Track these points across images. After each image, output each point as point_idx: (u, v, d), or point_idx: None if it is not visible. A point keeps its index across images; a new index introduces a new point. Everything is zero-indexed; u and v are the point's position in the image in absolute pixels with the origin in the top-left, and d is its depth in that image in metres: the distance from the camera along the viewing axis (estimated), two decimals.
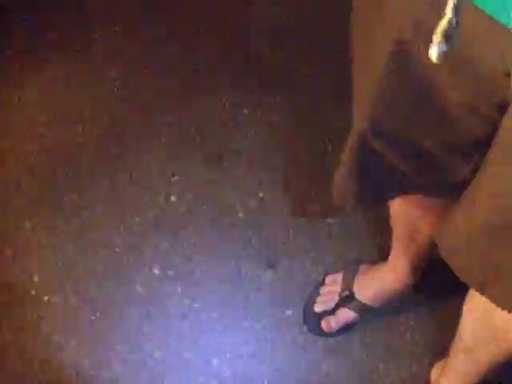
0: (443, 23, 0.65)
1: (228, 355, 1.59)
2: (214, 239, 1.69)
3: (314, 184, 1.73)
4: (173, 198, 1.74)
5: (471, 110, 0.84)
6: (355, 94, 0.99)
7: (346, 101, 1.04)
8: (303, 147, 1.80)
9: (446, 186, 1.03)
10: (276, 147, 1.80)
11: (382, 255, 1.60)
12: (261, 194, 1.74)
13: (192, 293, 1.64)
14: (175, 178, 1.77)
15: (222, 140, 1.81)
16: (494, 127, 0.83)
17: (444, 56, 0.65)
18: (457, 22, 0.65)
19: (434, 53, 0.65)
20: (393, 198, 1.22)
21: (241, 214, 1.72)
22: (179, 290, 1.64)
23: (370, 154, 0.97)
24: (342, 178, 1.08)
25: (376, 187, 1.08)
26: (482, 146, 0.86)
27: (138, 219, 1.72)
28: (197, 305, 1.63)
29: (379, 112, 0.92)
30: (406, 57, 0.82)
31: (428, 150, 0.94)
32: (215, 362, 1.58)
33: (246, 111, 1.85)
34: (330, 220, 1.71)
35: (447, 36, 0.65)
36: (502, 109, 0.80)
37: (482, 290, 0.98)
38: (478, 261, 0.94)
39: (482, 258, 0.94)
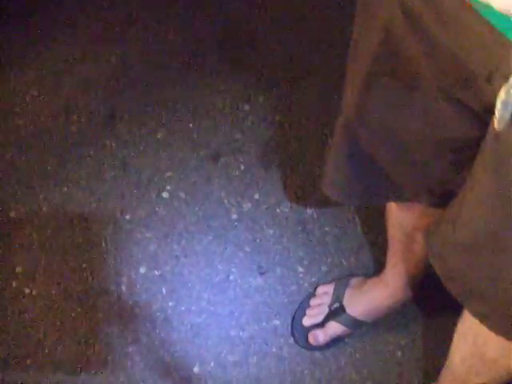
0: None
1: (212, 364, 1.52)
2: (205, 241, 1.63)
3: (312, 185, 1.67)
4: (165, 195, 1.68)
5: (458, 107, 0.81)
6: (346, 83, 0.98)
7: None
8: (302, 146, 1.73)
9: (438, 195, 1.00)
10: (275, 147, 1.73)
11: (378, 269, 1.54)
12: (256, 196, 1.67)
13: (177, 295, 1.58)
14: (168, 173, 1.70)
15: (221, 137, 1.75)
16: (483, 131, 0.78)
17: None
18: None
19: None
20: (383, 200, 1.16)
21: (234, 216, 1.66)
22: (164, 291, 1.58)
23: (357, 144, 0.96)
24: (330, 168, 1.07)
25: (365, 182, 1.05)
26: (473, 153, 0.82)
27: (128, 217, 1.66)
28: (182, 308, 1.57)
29: (366, 100, 0.91)
30: (393, 46, 0.81)
31: (414, 150, 0.92)
32: (196, 369, 1.51)
33: (247, 107, 1.78)
34: (326, 228, 1.64)
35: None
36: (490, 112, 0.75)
37: (465, 303, 0.95)
38: (463, 272, 0.91)
39: (466, 271, 0.91)
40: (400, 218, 1.29)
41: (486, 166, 0.78)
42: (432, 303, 1.53)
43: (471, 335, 1.08)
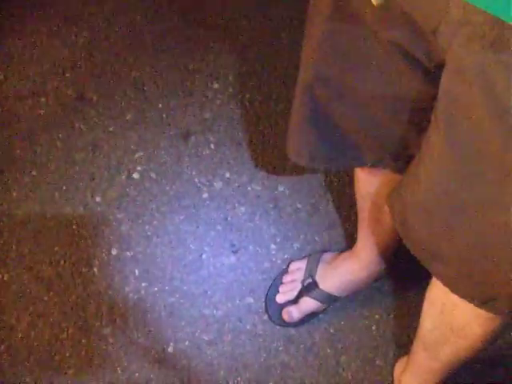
0: None
1: (186, 343, 1.52)
2: (177, 220, 1.62)
3: (283, 162, 1.66)
4: (135, 176, 1.67)
5: (411, 63, 0.83)
6: (304, 46, 1.00)
7: None
8: (273, 124, 1.72)
9: (402, 160, 1.01)
10: (245, 125, 1.72)
11: (351, 244, 1.53)
12: (227, 174, 1.67)
13: (150, 276, 1.57)
14: (139, 154, 1.69)
15: (190, 116, 1.73)
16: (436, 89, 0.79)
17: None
18: None
19: None
20: (348, 164, 1.17)
21: (205, 195, 1.65)
22: (137, 272, 1.57)
23: (317, 106, 0.97)
24: (293, 133, 1.07)
25: (328, 145, 1.05)
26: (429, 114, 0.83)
27: (98, 199, 1.64)
28: (155, 288, 1.56)
29: (322, 59, 0.93)
30: (346, 4, 0.83)
31: (373, 109, 0.93)
32: (171, 349, 1.51)
33: (216, 86, 1.77)
34: (298, 205, 1.63)
35: None
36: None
37: (428, 265, 0.96)
38: (424, 234, 0.92)
39: (426, 232, 0.92)
40: (367, 187, 1.28)
41: (439, 125, 0.78)
42: (406, 276, 1.53)
43: (439, 303, 1.08)
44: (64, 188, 1.66)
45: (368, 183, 1.26)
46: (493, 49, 0.66)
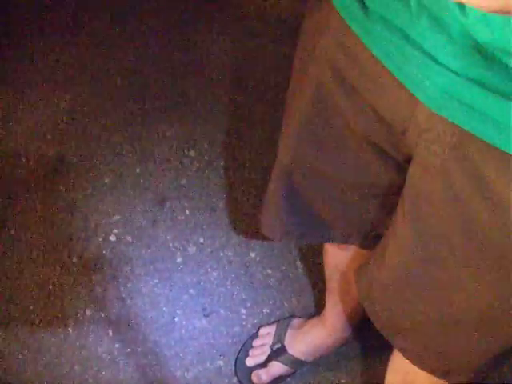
0: None
1: None
2: (151, 283, 1.67)
3: (255, 229, 1.72)
4: (112, 239, 1.72)
5: (383, 157, 0.90)
6: (282, 130, 1.04)
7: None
8: (246, 191, 1.79)
9: (370, 237, 1.07)
10: (220, 191, 1.79)
11: (319, 310, 1.59)
12: (201, 240, 1.72)
13: (123, 337, 1.61)
14: (116, 217, 1.74)
15: (167, 182, 1.80)
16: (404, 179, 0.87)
17: None
18: None
19: None
20: (318, 240, 1.22)
21: (179, 259, 1.70)
22: (110, 333, 1.61)
23: (292, 187, 1.02)
24: (267, 210, 1.13)
25: (301, 222, 1.10)
26: (397, 199, 0.90)
27: (75, 259, 1.69)
28: (128, 350, 1.60)
29: (300, 147, 0.98)
30: (324, 98, 0.89)
31: (345, 194, 0.99)
32: None
33: (192, 153, 1.84)
34: (269, 271, 1.69)
35: None
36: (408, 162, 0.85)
37: (390, 338, 1.02)
38: (387, 310, 0.98)
39: (389, 308, 0.97)
40: (336, 259, 1.35)
41: (404, 212, 0.86)
42: (371, 342, 1.59)
43: (402, 372, 1.14)
44: (42, 248, 1.70)
45: (337, 256, 1.33)
46: (453, 153, 0.74)
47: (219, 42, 2.03)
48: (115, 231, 1.73)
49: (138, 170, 1.81)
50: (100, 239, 1.72)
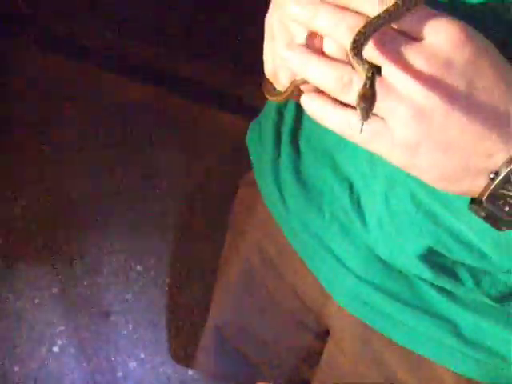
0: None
1: None
2: None
3: (194, 347, 1.80)
4: (55, 350, 1.78)
5: (306, 328, 1.00)
6: (214, 292, 1.15)
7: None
8: (189, 310, 1.87)
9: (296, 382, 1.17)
10: (163, 308, 1.86)
11: None
12: (142, 355, 1.79)
13: None
14: (60, 328, 1.80)
15: (112, 296, 1.87)
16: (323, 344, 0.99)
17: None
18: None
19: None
20: (248, 382, 1.32)
21: (120, 374, 1.76)
22: None
23: (224, 339, 1.12)
24: (201, 350, 1.21)
25: (232, 367, 1.19)
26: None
27: (17, 369, 1.74)
28: None
29: (230, 310, 1.10)
30: (252, 276, 1.00)
31: (272, 349, 1.09)
32: None
33: (139, 268, 1.92)
34: None
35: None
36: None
37: None
38: None
39: None
40: None
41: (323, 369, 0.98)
42: None
43: None
44: None
45: None
46: (360, 341, 0.87)
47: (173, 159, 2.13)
48: (59, 342, 1.78)
49: (85, 283, 1.88)
50: (44, 349, 1.77)
